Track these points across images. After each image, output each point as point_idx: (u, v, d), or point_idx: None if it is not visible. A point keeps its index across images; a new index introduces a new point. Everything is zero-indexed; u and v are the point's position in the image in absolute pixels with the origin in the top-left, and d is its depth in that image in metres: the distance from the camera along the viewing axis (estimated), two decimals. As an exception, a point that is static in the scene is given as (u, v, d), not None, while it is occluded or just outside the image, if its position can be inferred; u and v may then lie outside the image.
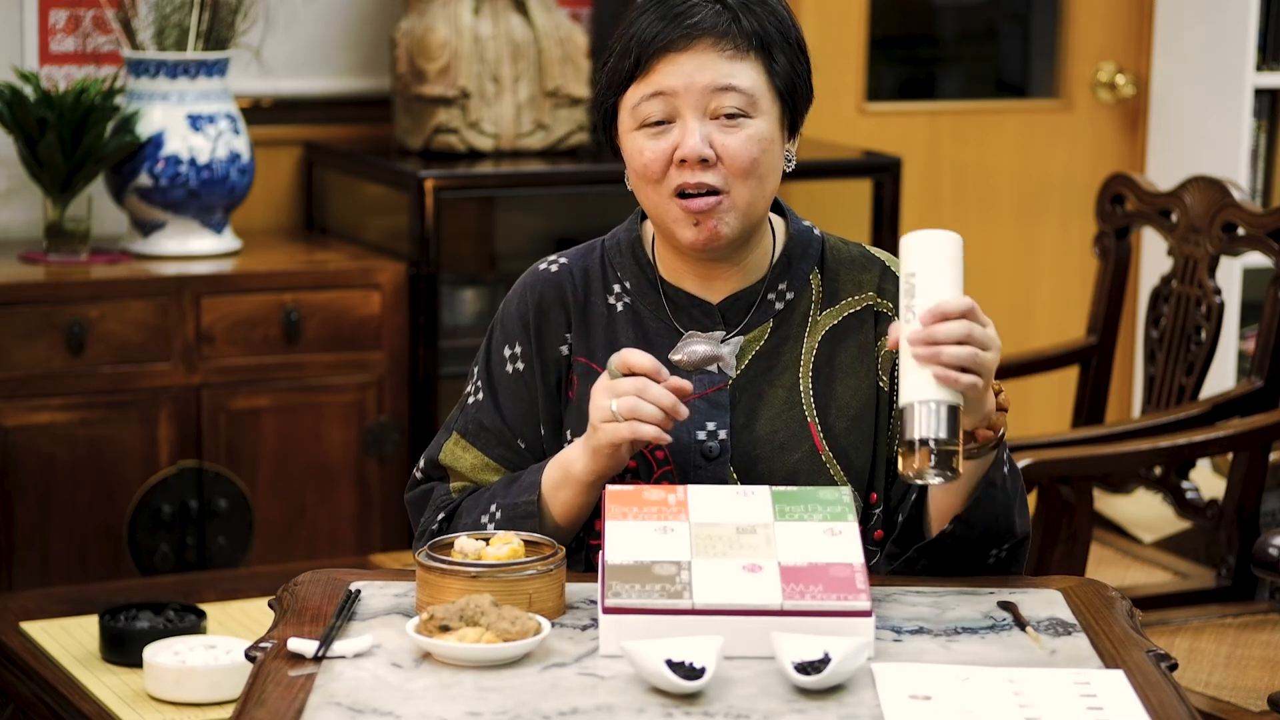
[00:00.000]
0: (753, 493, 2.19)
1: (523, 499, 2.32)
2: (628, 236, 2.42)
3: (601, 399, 2.22)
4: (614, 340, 2.36)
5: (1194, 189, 3.85)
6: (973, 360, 2.10)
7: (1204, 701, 3.15)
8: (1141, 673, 2.03)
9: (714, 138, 2.27)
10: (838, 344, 2.37)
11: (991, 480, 2.25)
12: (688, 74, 2.27)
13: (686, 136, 2.27)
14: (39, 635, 3.41)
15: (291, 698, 1.93)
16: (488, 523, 2.33)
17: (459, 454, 2.42)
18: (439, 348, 4.25)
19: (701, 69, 2.27)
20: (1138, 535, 4.09)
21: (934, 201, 5.10)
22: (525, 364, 2.39)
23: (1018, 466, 2.33)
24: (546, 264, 2.43)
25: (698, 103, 2.27)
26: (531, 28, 4.46)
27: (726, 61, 2.27)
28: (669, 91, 2.27)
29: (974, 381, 2.10)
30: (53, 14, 4.36)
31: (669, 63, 2.27)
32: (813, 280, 2.39)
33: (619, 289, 2.39)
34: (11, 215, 4.38)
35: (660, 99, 2.28)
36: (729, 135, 2.28)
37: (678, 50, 2.27)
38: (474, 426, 2.42)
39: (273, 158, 4.57)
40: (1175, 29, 5.12)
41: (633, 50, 2.28)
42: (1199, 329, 3.80)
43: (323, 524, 4.21)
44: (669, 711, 1.90)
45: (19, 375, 3.95)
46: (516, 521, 2.30)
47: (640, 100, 2.29)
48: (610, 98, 2.33)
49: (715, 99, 2.27)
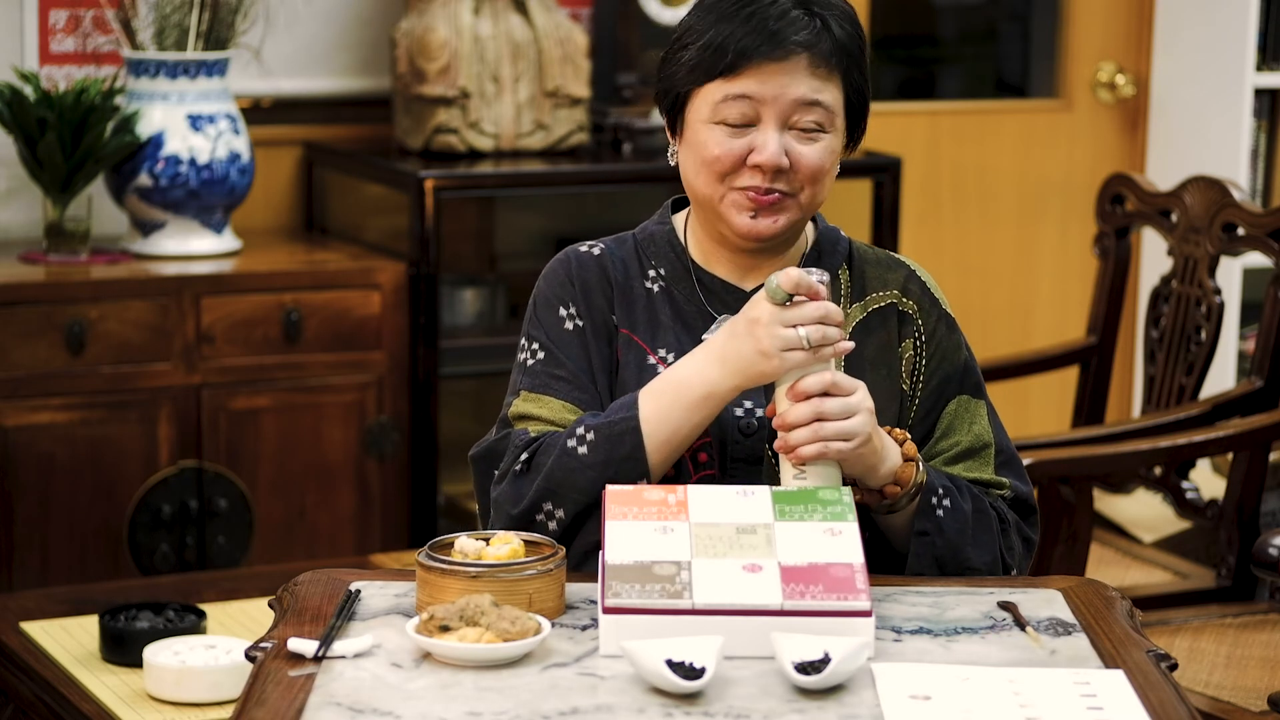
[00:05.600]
0: (753, 493, 2.19)
1: (618, 416, 2.28)
2: (660, 228, 2.45)
3: (778, 328, 2.22)
4: (654, 318, 2.38)
5: (1194, 189, 3.85)
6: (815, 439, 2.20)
7: (1204, 701, 3.15)
8: (1141, 673, 2.03)
9: (791, 148, 2.32)
10: (865, 337, 2.40)
11: (923, 530, 2.30)
12: (781, 86, 2.30)
13: (767, 144, 2.31)
14: (39, 635, 3.41)
15: (291, 698, 1.93)
16: (576, 446, 2.28)
17: (532, 408, 2.37)
18: (439, 348, 4.25)
19: (795, 83, 2.30)
20: (1138, 535, 4.09)
21: (934, 201, 5.10)
22: (583, 320, 2.39)
23: (979, 501, 2.35)
24: (586, 247, 2.44)
25: (782, 114, 2.31)
26: (531, 28, 4.46)
27: (818, 79, 2.31)
28: (757, 98, 2.30)
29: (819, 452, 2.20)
30: (53, 14, 4.36)
31: (762, 70, 2.30)
32: (842, 275, 2.43)
33: (654, 274, 2.42)
34: (11, 215, 4.38)
35: (746, 102, 2.31)
36: (806, 147, 2.33)
37: (776, 60, 2.30)
38: (542, 379, 2.37)
39: (273, 158, 4.57)
40: (1175, 29, 5.12)
41: (729, 50, 2.30)
42: (1199, 329, 3.80)
43: (323, 524, 4.21)
44: (669, 711, 1.90)
45: (19, 375, 3.95)
46: (613, 440, 2.26)
47: (725, 99, 2.31)
48: (688, 85, 2.34)
49: (799, 113, 2.31)
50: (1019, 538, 2.40)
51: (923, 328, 2.41)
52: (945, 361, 2.42)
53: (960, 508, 2.32)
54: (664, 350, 2.38)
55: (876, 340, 2.40)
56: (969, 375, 2.43)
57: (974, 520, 2.33)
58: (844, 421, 2.21)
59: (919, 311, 2.42)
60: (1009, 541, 2.37)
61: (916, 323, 2.41)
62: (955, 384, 2.41)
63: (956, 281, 5.09)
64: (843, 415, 2.21)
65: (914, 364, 2.40)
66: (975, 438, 2.40)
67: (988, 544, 2.34)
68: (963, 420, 2.41)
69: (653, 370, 2.36)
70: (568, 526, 2.30)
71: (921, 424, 2.41)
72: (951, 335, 2.43)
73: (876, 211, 4.58)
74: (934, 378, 2.41)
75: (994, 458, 2.41)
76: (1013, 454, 2.43)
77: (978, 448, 2.40)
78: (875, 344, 2.40)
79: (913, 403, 2.40)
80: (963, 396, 2.41)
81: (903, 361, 2.40)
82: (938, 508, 2.31)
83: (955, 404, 2.41)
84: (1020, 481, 2.42)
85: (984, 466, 2.40)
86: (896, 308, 2.41)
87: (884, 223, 4.56)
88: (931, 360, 2.41)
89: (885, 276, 2.43)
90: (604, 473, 2.26)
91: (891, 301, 2.42)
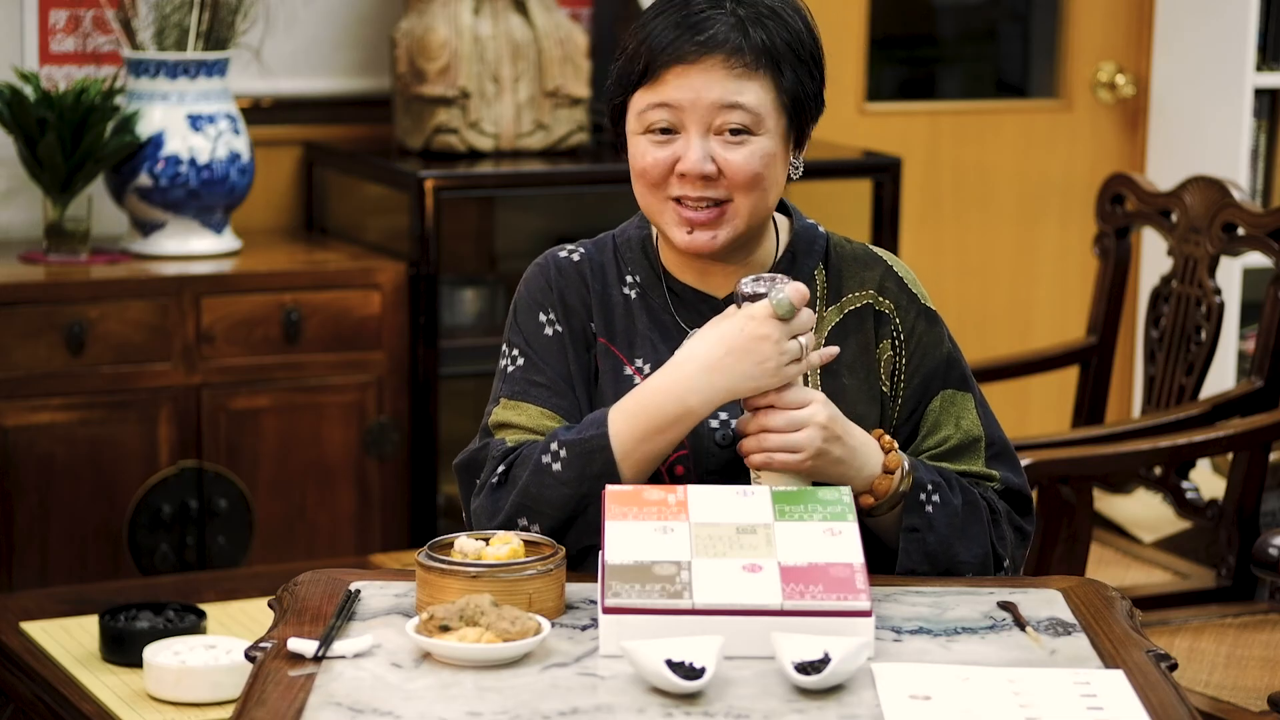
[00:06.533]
0: (753, 493, 2.19)
1: (590, 434, 2.26)
2: (638, 233, 2.43)
3: (787, 343, 2.22)
4: (631, 326, 2.37)
5: (1194, 189, 3.85)
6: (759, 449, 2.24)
7: (1204, 701, 3.15)
8: (1141, 673, 2.03)
9: (716, 153, 2.29)
10: (842, 340, 2.38)
11: (912, 526, 2.30)
12: (696, 89, 2.28)
13: (689, 152, 2.28)
14: (39, 635, 3.41)
15: (291, 698, 1.93)
16: (550, 462, 2.27)
17: (511, 415, 2.36)
18: (439, 348, 4.25)
19: (709, 86, 2.27)
20: (1138, 535, 4.09)
21: (934, 202, 5.10)
22: (562, 327, 2.38)
23: (969, 494, 2.35)
24: (566, 252, 2.43)
25: (703, 118, 2.28)
26: (531, 28, 4.46)
27: (734, 79, 2.28)
28: (675, 104, 2.28)
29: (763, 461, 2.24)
30: (53, 14, 4.36)
31: (678, 75, 2.28)
32: (817, 276, 2.40)
33: (630, 280, 2.41)
34: (11, 215, 4.38)
35: (666, 109, 2.29)
36: (732, 151, 2.29)
37: (688, 63, 2.28)
38: (521, 386, 2.37)
39: (273, 158, 4.57)
40: (1175, 29, 5.12)
41: (643, 55, 2.29)
42: (1199, 329, 3.80)
43: (323, 524, 4.21)
44: (669, 711, 1.90)
45: (19, 375, 3.95)
46: (585, 458, 2.25)
47: (647, 107, 2.30)
48: (619, 96, 2.34)
49: (720, 115, 2.28)
50: (1010, 527, 2.38)
51: (900, 326, 2.39)
52: (927, 358, 2.40)
53: (950, 502, 2.32)
54: (640, 360, 2.36)
55: (853, 343, 2.38)
56: (953, 368, 2.41)
57: (964, 513, 2.32)
58: (789, 435, 2.22)
59: (896, 310, 2.40)
60: (1000, 531, 2.36)
61: (894, 322, 2.39)
62: (939, 379, 2.40)
63: (956, 282, 5.09)
64: (788, 429, 2.22)
65: (893, 364, 2.39)
66: (964, 433, 2.39)
67: (978, 536, 2.33)
68: (949, 415, 2.39)
69: (629, 382, 2.34)
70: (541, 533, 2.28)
71: (907, 423, 2.40)
72: (932, 330, 2.41)
73: (876, 211, 4.58)
74: (916, 375, 2.39)
75: (985, 450, 2.39)
76: (1005, 445, 2.41)
77: (967, 443, 2.39)
78: (852, 347, 2.38)
79: (895, 403, 2.39)
80: (947, 391, 2.39)
81: (881, 363, 2.39)
82: (927, 504, 2.30)
83: (940, 399, 2.39)
84: (1012, 473, 2.40)
85: (975, 460, 2.39)
86: (873, 308, 2.39)
87: (884, 223, 4.56)
88: (912, 358, 2.39)
89: (862, 275, 2.40)
90: (578, 489, 2.26)
91: (868, 302, 2.40)
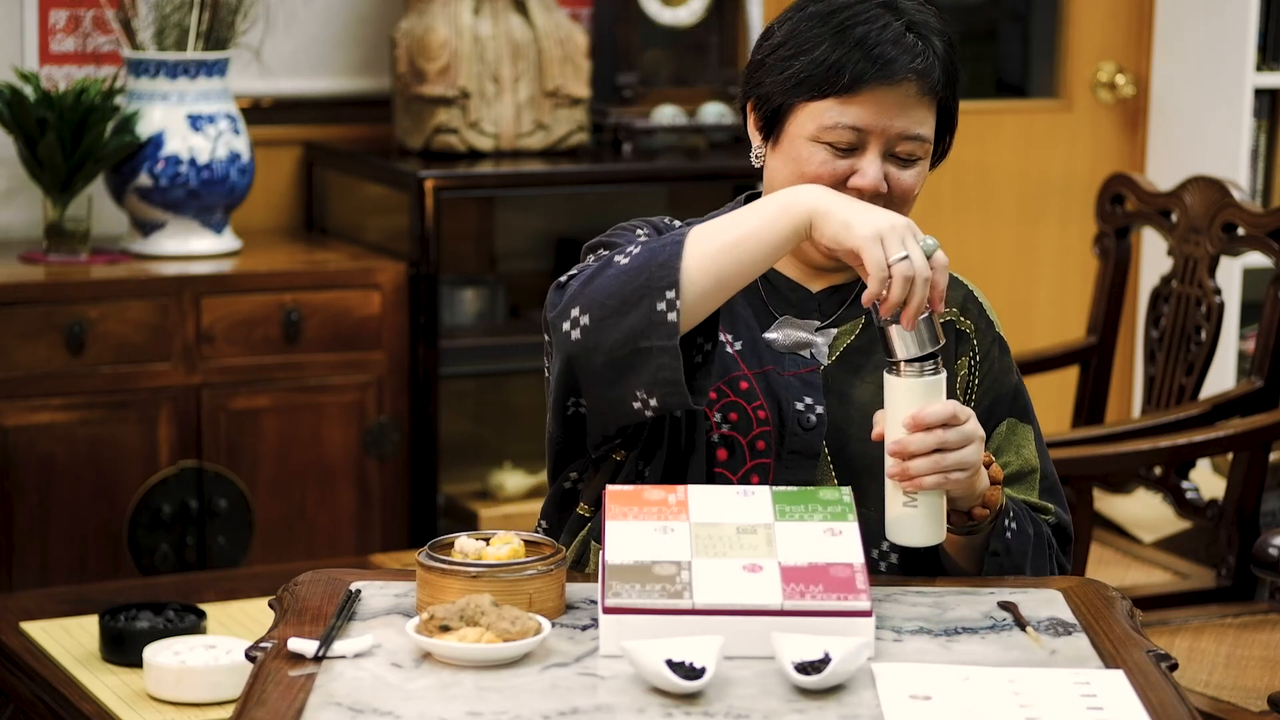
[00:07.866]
0: (753, 493, 2.19)
1: (670, 235, 2.22)
2: None
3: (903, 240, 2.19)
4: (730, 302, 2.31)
5: (1194, 189, 3.85)
6: (936, 470, 2.18)
7: (1204, 701, 3.15)
8: (1141, 673, 2.03)
9: (890, 172, 2.33)
10: None
11: (994, 550, 2.31)
12: (889, 116, 2.30)
13: (869, 170, 2.31)
14: (39, 635, 3.41)
15: (291, 698, 1.93)
16: (620, 259, 2.22)
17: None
18: (439, 348, 4.25)
19: (902, 115, 2.30)
20: (1138, 535, 4.09)
21: (934, 201, 5.10)
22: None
23: (1037, 525, 2.37)
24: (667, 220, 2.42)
25: (886, 143, 2.32)
26: (531, 28, 4.46)
27: (920, 108, 2.32)
28: (865, 128, 2.30)
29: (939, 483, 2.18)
30: (53, 14, 4.36)
31: (873, 96, 2.29)
32: None
33: None
34: (11, 215, 4.38)
35: (853, 132, 2.30)
36: (904, 172, 2.33)
37: (887, 87, 2.29)
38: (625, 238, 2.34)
39: (273, 158, 4.57)
40: (1175, 29, 5.12)
41: (844, 73, 2.29)
42: (1199, 329, 3.80)
43: (323, 524, 4.21)
44: (669, 711, 1.90)
45: (19, 375, 3.95)
46: (654, 250, 2.19)
47: (834, 123, 2.30)
48: (793, 98, 2.33)
49: (901, 144, 2.32)
50: (1055, 564, 2.41)
51: (978, 348, 2.43)
52: (996, 384, 2.43)
53: (1025, 530, 2.34)
54: (731, 336, 2.36)
55: None
56: (1018, 399, 2.44)
57: (1034, 543, 2.36)
58: (962, 451, 2.19)
59: (975, 331, 2.43)
60: (1051, 567, 2.40)
61: (973, 342, 2.42)
62: (1005, 407, 2.43)
63: (956, 281, 5.08)
64: (961, 445, 2.19)
65: (968, 382, 2.41)
66: (1024, 462, 2.41)
67: (1041, 568, 2.37)
68: (1010, 443, 2.42)
69: (720, 348, 2.33)
70: (588, 331, 2.21)
71: None
72: (1003, 359, 2.44)
73: (876, 211, 4.57)
74: (985, 398, 2.42)
75: (1039, 483, 2.42)
76: (1056, 481, 2.44)
77: (1025, 472, 2.41)
78: None
79: None
80: (1011, 420, 2.43)
81: (957, 379, 2.41)
82: (1007, 530, 2.32)
83: (1005, 426, 2.42)
84: (1062, 509, 2.43)
85: (1029, 491, 2.41)
86: (955, 325, 2.42)
87: (884, 223, 4.56)
88: (984, 381, 2.42)
89: (948, 293, 2.42)
90: (635, 277, 2.19)
91: (951, 319, 2.43)
